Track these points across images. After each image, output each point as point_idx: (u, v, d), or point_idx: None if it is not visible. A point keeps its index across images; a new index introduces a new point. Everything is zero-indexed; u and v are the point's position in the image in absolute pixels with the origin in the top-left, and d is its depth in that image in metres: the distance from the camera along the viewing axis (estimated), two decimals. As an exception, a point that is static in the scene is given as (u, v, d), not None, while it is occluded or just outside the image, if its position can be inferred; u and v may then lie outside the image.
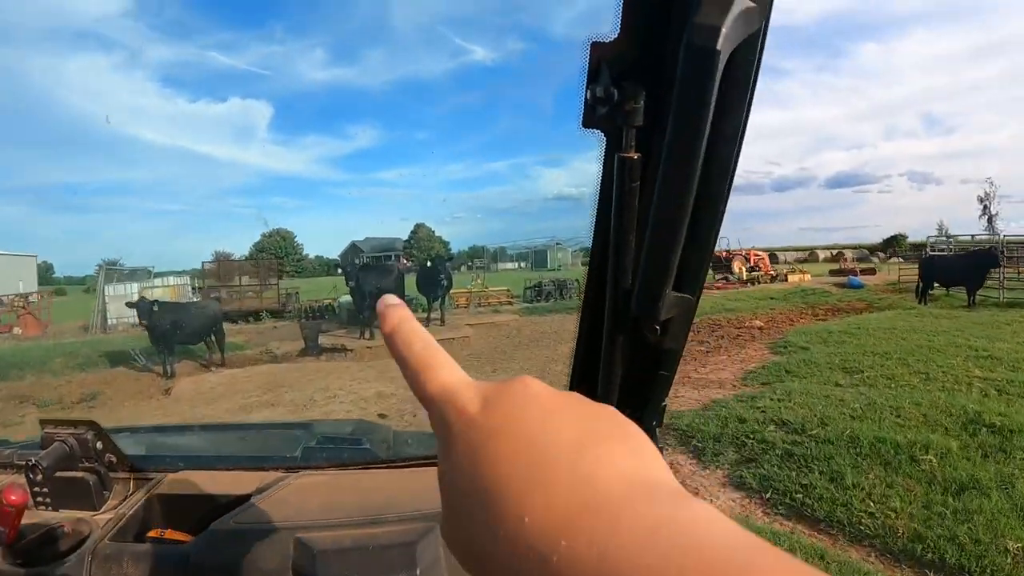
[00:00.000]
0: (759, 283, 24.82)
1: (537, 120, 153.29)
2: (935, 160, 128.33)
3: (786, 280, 25.84)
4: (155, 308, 11.27)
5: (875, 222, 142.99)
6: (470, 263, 78.97)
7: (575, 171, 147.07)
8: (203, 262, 24.15)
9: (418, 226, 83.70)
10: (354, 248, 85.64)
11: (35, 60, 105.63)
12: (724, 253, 31.65)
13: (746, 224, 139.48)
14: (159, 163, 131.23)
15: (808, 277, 27.43)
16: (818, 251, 54.74)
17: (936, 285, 18.32)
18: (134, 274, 23.39)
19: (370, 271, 11.76)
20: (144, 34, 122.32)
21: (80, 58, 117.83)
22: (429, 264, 12.87)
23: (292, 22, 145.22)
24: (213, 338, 12.42)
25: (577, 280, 20.37)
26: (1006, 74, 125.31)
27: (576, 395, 0.33)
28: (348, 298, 16.28)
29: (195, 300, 15.79)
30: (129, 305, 12.07)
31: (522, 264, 60.75)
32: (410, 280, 15.80)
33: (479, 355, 10.97)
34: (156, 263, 24.71)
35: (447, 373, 0.35)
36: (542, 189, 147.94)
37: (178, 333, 11.37)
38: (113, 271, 23.09)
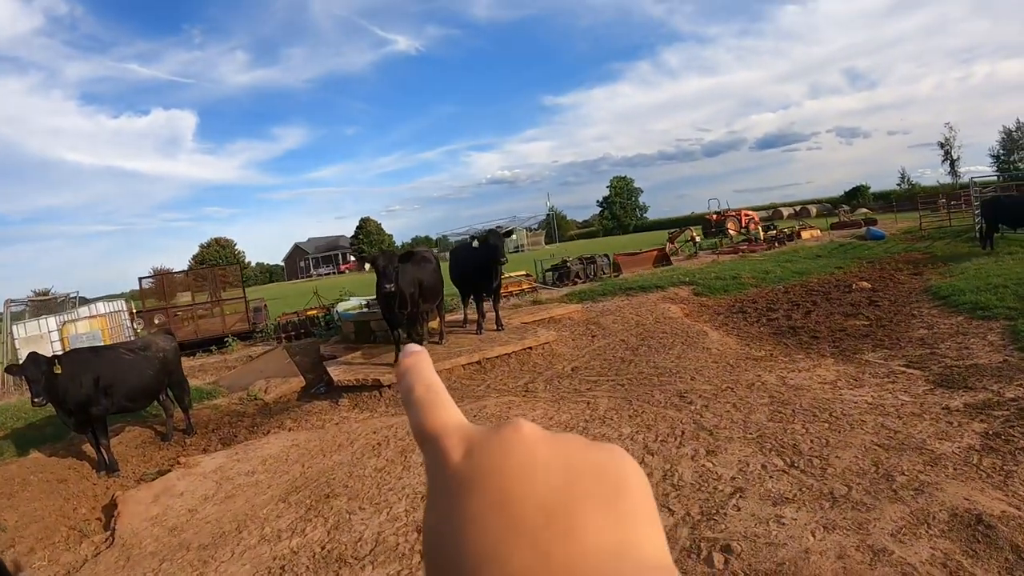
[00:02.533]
0: (782, 243, 22.64)
1: (466, 105, 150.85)
2: (861, 114, 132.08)
3: (800, 237, 23.88)
4: (56, 369, 6.68)
5: (807, 179, 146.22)
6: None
7: (508, 154, 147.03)
8: (139, 278, 19.90)
9: (364, 220, 79.13)
10: (298, 250, 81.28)
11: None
12: (715, 216, 29.72)
13: (680, 190, 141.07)
14: (86, 184, 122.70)
15: (818, 233, 25.76)
16: (781, 208, 53.78)
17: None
18: (54, 305, 18.50)
19: (410, 265, 8.33)
20: (60, 51, 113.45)
21: None
22: (477, 244, 9.31)
23: (210, 25, 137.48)
24: (170, 394, 8.20)
25: (607, 255, 17.48)
26: (923, 26, 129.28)
27: (575, 440, 0.29)
28: (350, 307, 12.97)
29: (132, 340, 9.66)
30: (12, 372, 7.47)
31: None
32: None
33: (598, 375, 7.70)
34: (91, 289, 20.37)
35: (442, 414, 0.32)
36: (476, 174, 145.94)
37: (111, 399, 7.13)
38: (22, 304, 18.18)
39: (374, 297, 13.12)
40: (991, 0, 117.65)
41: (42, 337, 15.61)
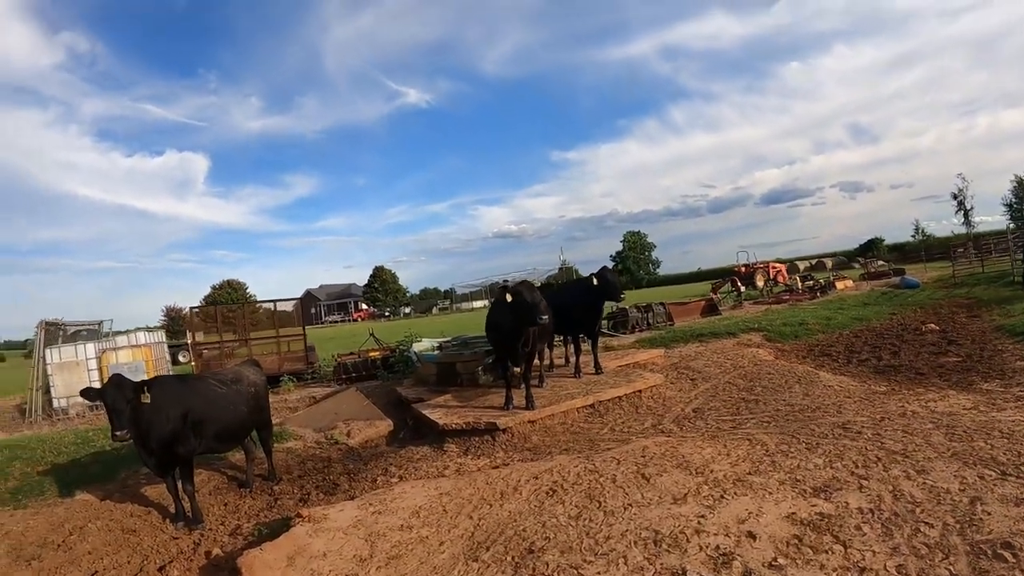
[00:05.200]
0: (823, 292, 22.96)
1: (474, 159, 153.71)
2: (864, 169, 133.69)
3: (835, 288, 24.20)
4: (144, 397, 5.67)
5: (812, 234, 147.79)
6: (441, 303, 76.12)
7: (515, 208, 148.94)
8: (191, 308, 19.70)
9: (378, 269, 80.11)
10: (310, 296, 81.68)
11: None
12: (743, 268, 30.13)
13: (686, 246, 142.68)
14: (96, 220, 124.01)
15: (851, 283, 26.12)
16: (797, 263, 54.39)
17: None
18: (85, 333, 17.73)
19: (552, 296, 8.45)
20: (78, 87, 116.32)
21: (15, 114, 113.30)
22: (596, 282, 9.29)
23: (225, 71, 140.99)
24: (253, 435, 7.45)
25: (662, 303, 17.63)
26: (923, 80, 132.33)
27: None
28: (424, 348, 12.94)
29: (222, 371, 8.02)
30: (88, 396, 5.92)
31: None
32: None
33: (732, 415, 7.75)
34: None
35: None
36: (483, 228, 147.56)
37: (200, 438, 6.26)
38: (57, 327, 17.15)
39: (448, 339, 13.20)
40: (988, 52, 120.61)
41: (78, 364, 15.02)
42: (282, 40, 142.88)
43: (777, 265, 30.98)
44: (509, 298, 7.83)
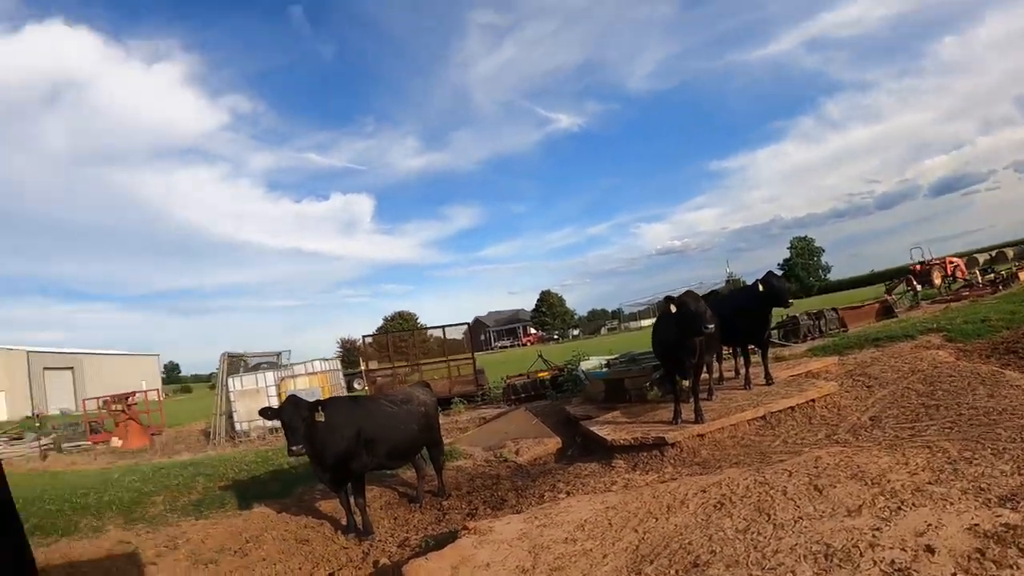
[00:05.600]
0: (1005, 285, 20.82)
1: (630, 177, 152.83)
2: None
3: (1018, 279, 21.83)
4: (319, 416, 6.14)
5: (988, 222, 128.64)
6: (609, 323, 76.80)
7: (676, 224, 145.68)
8: (363, 336, 21.44)
9: (545, 293, 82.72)
10: (479, 323, 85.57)
11: (148, 178, 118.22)
12: (918, 266, 27.77)
13: (854, 248, 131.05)
14: (270, 263, 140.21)
15: (1033, 275, 23.32)
16: (976, 255, 48.40)
17: None
18: (266, 365, 19.34)
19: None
20: (245, 144, 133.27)
21: (188, 172, 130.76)
22: (762, 288, 9.28)
23: (380, 115, 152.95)
24: (424, 453, 7.82)
25: (834, 309, 16.98)
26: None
27: None
28: (592, 366, 13.20)
29: (394, 392, 8.63)
30: (266, 415, 6.53)
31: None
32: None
33: (911, 422, 7.46)
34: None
35: None
36: (645, 246, 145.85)
37: (372, 455, 6.66)
38: (239, 359, 19.05)
39: (616, 356, 13.65)
40: None
41: (259, 391, 16.55)
42: (431, 80, 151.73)
43: (954, 260, 28.19)
44: (674, 309, 7.83)
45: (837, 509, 4.43)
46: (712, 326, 7.68)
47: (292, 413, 6.00)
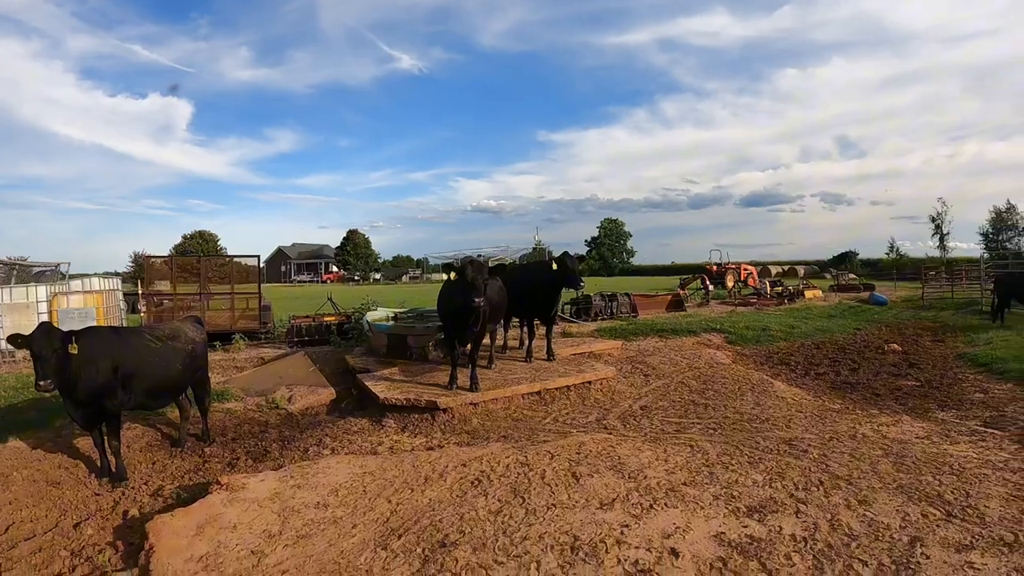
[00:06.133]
0: (791, 300, 22.90)
1: (462, 131, 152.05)
2: (848, 182, 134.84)
3: (803, 296, 24.17)
4: (72, 347, 5.50)
5: (789, 240, 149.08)
6: (412, 272, 75.34)
7: (497, 184, 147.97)
8: (147, 256, 18.81)
9: (351, 232, 78.63)
10: (281, 254, 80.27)
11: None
12: (714, 267, 29.89)
13: (663, 239, 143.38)
14: (74, 159, 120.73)
15: (820, 293, 26.11)
16: (770, 266, 54.64)
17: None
18: (38, 274, 16.83)
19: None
20: (66, 22, 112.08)
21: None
22: (555, 266, 8.89)
23: (218, 17, 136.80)
24: (189, 393, 7.25)
25: (627, 294, 17.32)
26: (917, 102, 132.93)
27: None
28: (378, 317, 12.45)
29: (158, 326, 7.87)
30: (15, 343, 5.64)
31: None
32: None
33: (678, 418, 7.51)
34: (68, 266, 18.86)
35: None
36: (462, 200, 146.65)
37: (129, 393, 6.10)
38: (13, 266, 16.56)
39: (405, 310, 12.77)
40: (985, 82, 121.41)
41: (28, 307, 14.25)
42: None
43: (749, 267, 30.75)
44: (453, 276, 7.55)
45: (591, 500, 4.40)
46: (480, 300, 7.26)
47: (42, 343, 5.37)
